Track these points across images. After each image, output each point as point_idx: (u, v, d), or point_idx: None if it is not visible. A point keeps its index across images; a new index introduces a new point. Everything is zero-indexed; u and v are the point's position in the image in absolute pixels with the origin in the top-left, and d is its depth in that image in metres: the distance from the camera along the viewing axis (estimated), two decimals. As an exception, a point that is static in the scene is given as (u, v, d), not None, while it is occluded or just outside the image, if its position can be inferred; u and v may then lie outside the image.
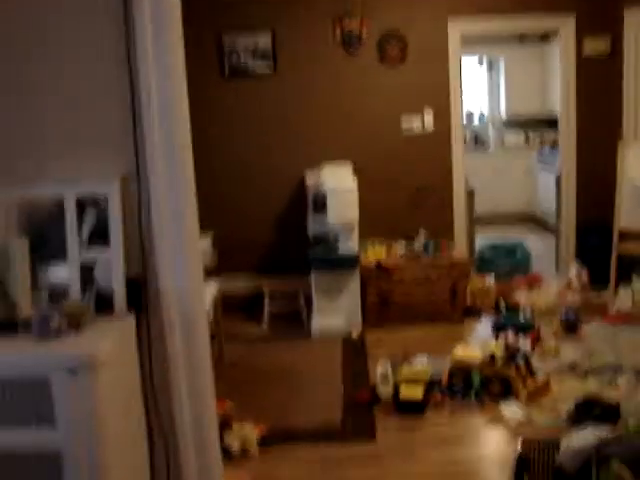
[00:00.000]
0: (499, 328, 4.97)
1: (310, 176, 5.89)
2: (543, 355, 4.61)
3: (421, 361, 4.42)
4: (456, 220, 6.50)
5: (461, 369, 4.22)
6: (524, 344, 4.59)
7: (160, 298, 2.38)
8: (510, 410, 3.94)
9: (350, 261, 5.46)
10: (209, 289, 4.53)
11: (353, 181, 5.54)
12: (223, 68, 6.22)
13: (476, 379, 4.14)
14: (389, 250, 5.81)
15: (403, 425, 3.92)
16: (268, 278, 6.16)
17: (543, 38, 9.27)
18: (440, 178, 6.43)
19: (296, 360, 4.97)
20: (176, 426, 2.44)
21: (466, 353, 4.30)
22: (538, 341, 4.77)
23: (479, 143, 10.10)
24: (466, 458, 3.57)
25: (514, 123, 10.00)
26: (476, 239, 7.09)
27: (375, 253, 5.76)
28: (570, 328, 5.12)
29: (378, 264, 5.60)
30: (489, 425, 3.87)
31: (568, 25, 6.24)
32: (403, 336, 5.34)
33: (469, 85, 9.53)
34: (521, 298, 5.80)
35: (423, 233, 5.87)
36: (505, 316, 5.29)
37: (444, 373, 4.26)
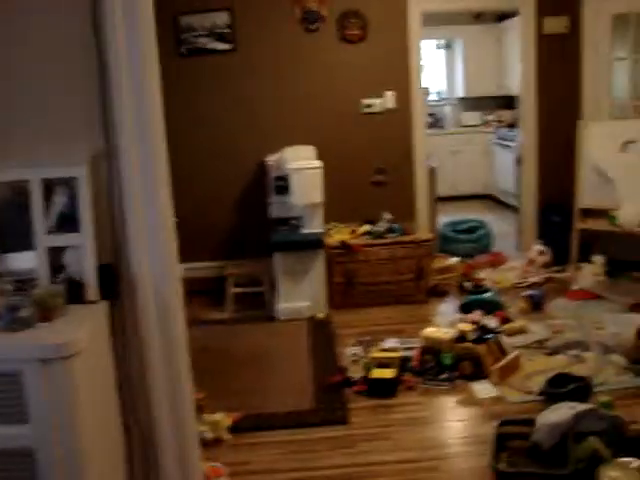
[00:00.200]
0: (467, 308, 4.97)
1: (271, 157, 5.79)
2: (511, 333, 4.62)
3: (391, 342, 4.39)
4: (418, 199, 6.47)
5: (432, 350, 4.21)
6: (492, 323, 4.60)
7: (134, 284, 2.28)
8: (482, 389, 3.94)
9: (315, 242, 5.39)
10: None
11: (316, 161, 5.47)
12: (179, 47, 6.06)
13: (447, 359, 4.13)
14: (353, 232, 5.77)
15: (375, 407, 3.88)
16: (231, 262, 6.05)
17: (500, 18, 9.30)
18: (401, 157, 6.38)
19: (263, 343, 4.90)
20: (153, 416, 2.36)
21: (436, 334, 4.29)
22: (506, 319, 4.78)
23: (436, 123, 10.10)
24: (440, 439, 3.56)
25: (471, 103, 10.04)
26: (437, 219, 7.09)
27: (339, 234, 5.71)
28: (535, 306, 5.16)
29: (343, 244, 5.55)
30: (462, 405, 3.86)
31: (528, 4, 6.24)
32: (369, 317, 5.31)
33: (427, 65, 9.49)
34: (485, 277, 5.83)
35: (386, 217, 5.82)
36: (472, 296, 5.29)
37: (415, 354, 4.25)
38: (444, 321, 4.88)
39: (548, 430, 3.13)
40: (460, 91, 10.06)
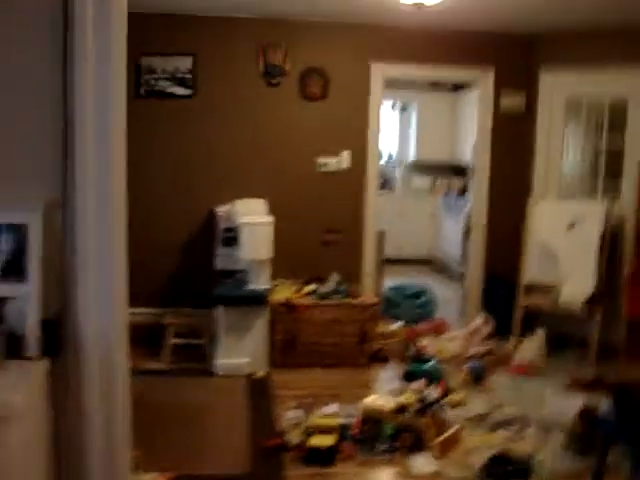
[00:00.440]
0: (410, 376, 4.93)
1: (222, 208, 5.70)
2: (452, 405, 4.58)
3: (332, 408, 4.30)
4: (365, 262, 6.46)
5: (372, 419, 4.13)
6: (434, 394, 4.55)
7: (79, 341, 2.15)
8: (422, 462, 3.86)
9: (260, 298, 5.29)
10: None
11: (267, 216, 5.41)
12: (139, 89, 5.97)
13: (387, 430, 4.05)
14: (299, 290, 5.70)
15: (313, 476, 3.76)
16: (170, 310, 5.89)
17: (456, 87, 9.51)
18: (351, 218, 6.39)
19: (201, 399, 4.74)
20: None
21: (377, 403, 4.21)
22: (447, 391, 4.74)
23: (385, 184, 10.18)
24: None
25: (422, 167, 10.18)
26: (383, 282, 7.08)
27: (285, 291, 5.63)
28: (476, 378, 5.14)
29: (287, 302, 5.47)
30: (400, 478, 3.78)
31: (487, 78, 6.39)
32: (310, 378, 5.21)
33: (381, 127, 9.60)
34: (427, 344, 5.81)
35: (335, 277, 5.78)
36: (415, 364, 5.24)
37: (355, 422, 4.16)
38: (387, 390, 4.80)
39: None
40: (412, 154, 10.19)
